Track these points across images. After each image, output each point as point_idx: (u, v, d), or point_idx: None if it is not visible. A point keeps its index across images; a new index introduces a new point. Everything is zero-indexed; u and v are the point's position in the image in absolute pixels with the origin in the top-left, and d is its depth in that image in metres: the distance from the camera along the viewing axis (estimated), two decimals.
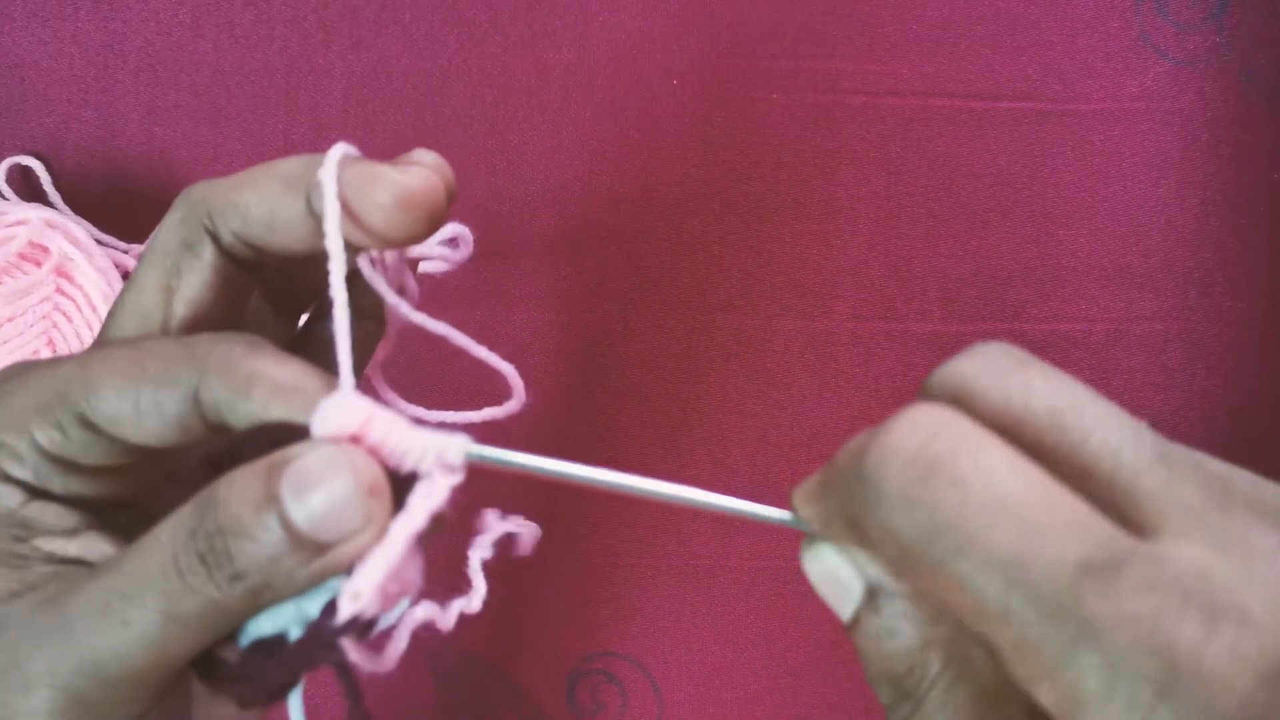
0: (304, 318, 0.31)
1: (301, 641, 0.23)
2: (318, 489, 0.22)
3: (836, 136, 0.46)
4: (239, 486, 0.23)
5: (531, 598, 0.46)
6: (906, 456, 0.19)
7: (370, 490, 0.23)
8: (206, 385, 0.24)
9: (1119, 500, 0.19)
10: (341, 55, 0.46)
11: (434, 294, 0.45)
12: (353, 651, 0.23)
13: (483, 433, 0.46)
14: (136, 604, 0.23)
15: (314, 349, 0.31)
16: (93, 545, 0.25)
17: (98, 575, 0.23)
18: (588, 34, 0.46)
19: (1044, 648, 0.18)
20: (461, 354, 0.37)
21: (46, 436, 0.24)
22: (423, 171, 0.25)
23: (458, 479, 0.24)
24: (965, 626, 0.21)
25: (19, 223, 0.42)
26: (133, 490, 0.27)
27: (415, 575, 0.24)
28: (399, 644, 0.24)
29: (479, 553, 0.25)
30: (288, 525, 0.22)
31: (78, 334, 0.43)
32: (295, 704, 0.25)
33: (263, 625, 0.24)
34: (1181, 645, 0.17)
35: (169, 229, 0.27)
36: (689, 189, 0.46)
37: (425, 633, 0.24)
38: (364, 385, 0.29)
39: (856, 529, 0.21)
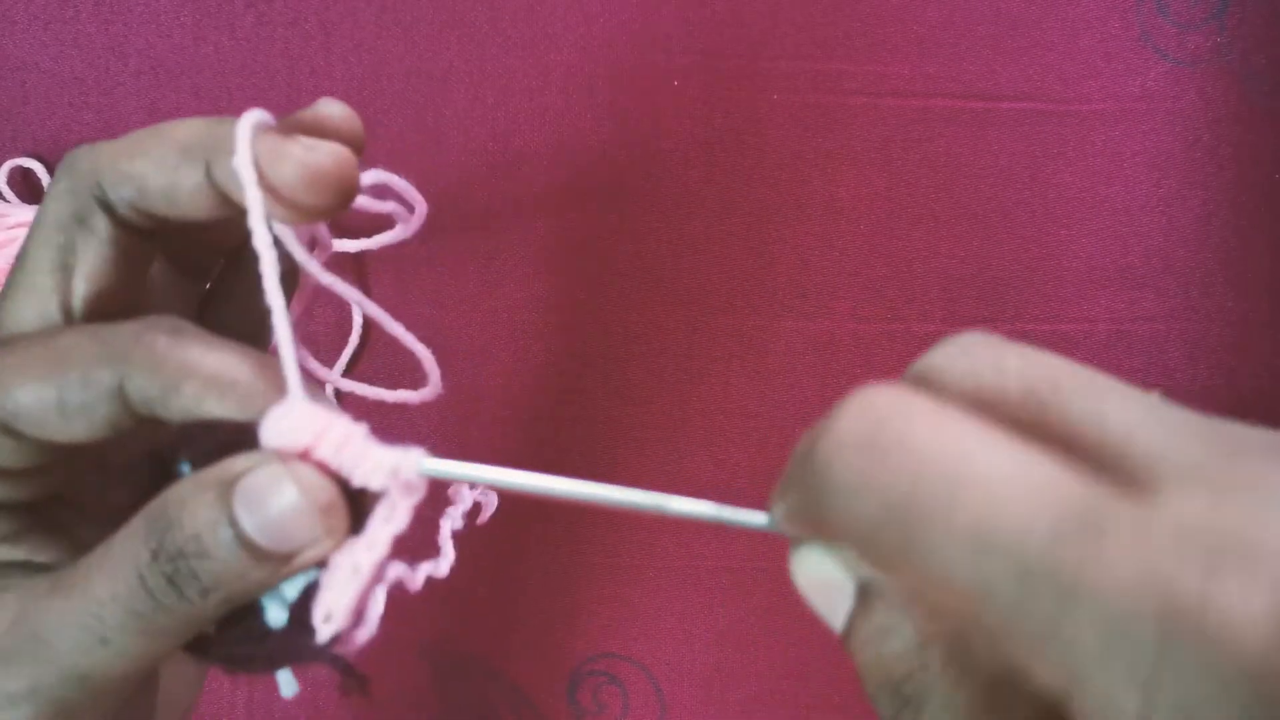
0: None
1: (285, 651, 0.24)
2: (269, 506, 0.22)
3: (837, 137, 0.46)
4: (192, 507, 0.23)
5: (532, 598, 0.46)
6: (855, 440, 0.18)
7: (324, 509, 0.23)
8: (132, 382, 0.23)
9: (1110, 464, 0.17)
10: (342, 57, 0.46)
11: (434, 294, 0.45)
12: (336, 649, 0.23)
13: (483, 436, 0.46)
14: (113, 625, 0.23)
15: (224, 308, 0.30)
16: (37, 547, 0.25)
17: (63, 594, 0.23)
18: (589, 35, 0.46)
19: (1029, 623, 0.16)
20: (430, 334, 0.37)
21: None
22: (333, 147, 0.24)
23: (418, 497, 0.23)
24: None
25: (20, 225, 0.42)
26: (65, 486, 0.26)
27: (381, 592, 0.24)
28: (376, 609, 0.24)
29: (449, 523, 0.25)
30: (246, 543, 0.22)
31: None
32: (285, 674, 0.25)
33: None
34: (1181, 596, 0.15)
35: (56, 200, 0.25)
36: (690, 190, 0.46)
37: (399, 591, 0.24)
38: (271, 350, 0.29)
39: (819, 526, 0.20)
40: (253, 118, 0.24)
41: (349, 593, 0.23)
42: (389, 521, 0.23)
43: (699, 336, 0.46)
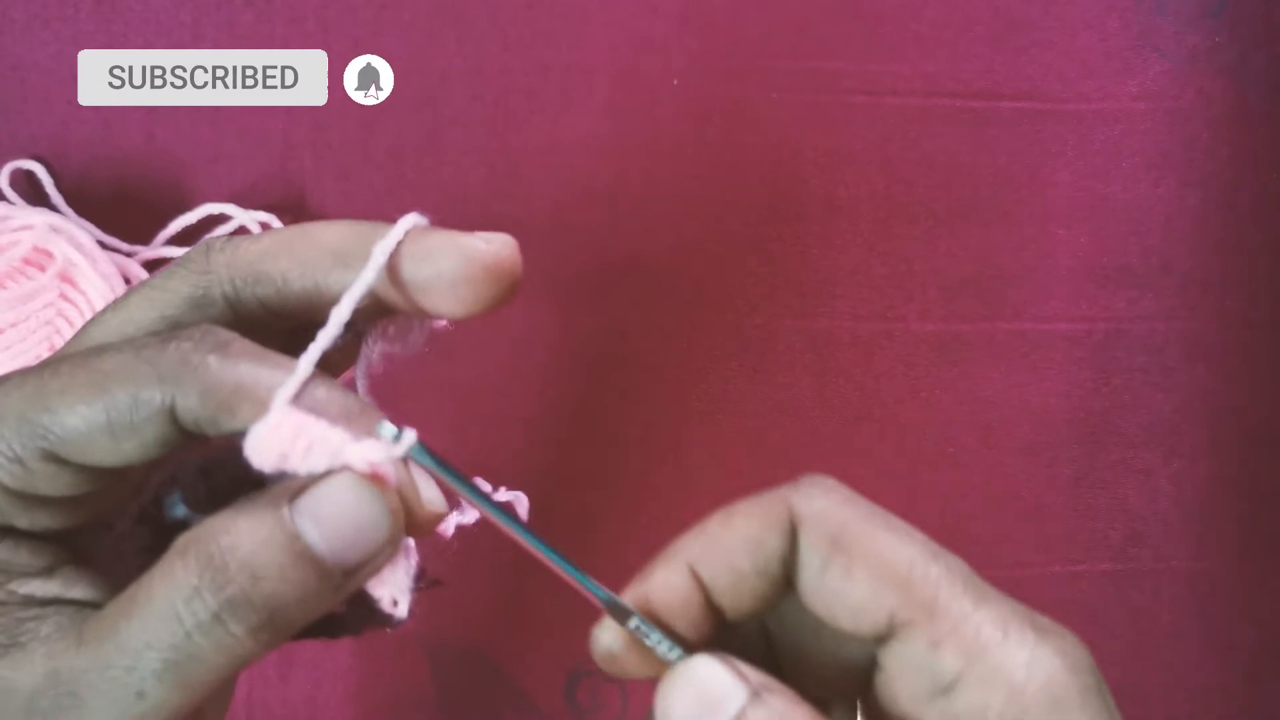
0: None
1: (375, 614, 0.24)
2: (342, 512, 0.22)
3: (836, 136, 0.46)
4: (247, 529, 0.22)
5: (532, 596, 0.46)
6: None
7: (394, 512, 0.23)
8: (184, 404, 0.23)
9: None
10: (341, 56, 0.46)
11: None
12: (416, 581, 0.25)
13: (482, 434, 0.46)
14: (148, 676, 0.22)
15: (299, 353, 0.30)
16: (70, 580, 0.24)
17: (93, 645, 0.22)
18: (587, 34, 0.46)
19: None
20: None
21: (6, 473, 0.23)
22: (503, 238, 0.25)
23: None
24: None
25: (24, 228, 0.42)
26: (105, 509, 0.25)
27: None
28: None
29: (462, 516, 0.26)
30: (310, 558, 0.22)
31: None
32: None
33: None
34: None
35: (179, 279, 0.25)
36: (688, 189, 0.46)
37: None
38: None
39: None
40: (410, 221, 0.25)
41: (402, 575, 0.24)
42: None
43: (698, 336, 0.46)
